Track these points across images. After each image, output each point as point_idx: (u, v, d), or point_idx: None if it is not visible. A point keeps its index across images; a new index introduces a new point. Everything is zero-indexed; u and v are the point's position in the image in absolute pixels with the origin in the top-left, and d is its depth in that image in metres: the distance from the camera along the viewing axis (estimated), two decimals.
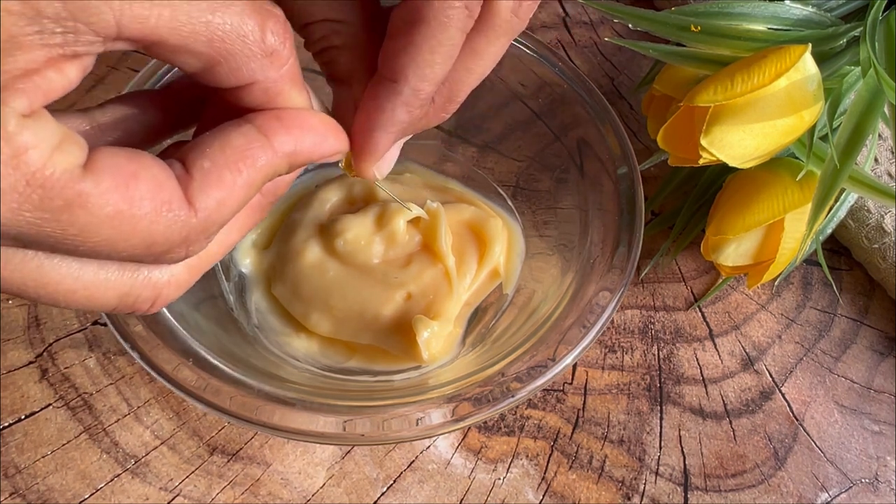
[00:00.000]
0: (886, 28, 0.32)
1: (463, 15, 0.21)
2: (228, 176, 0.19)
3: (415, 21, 0.22)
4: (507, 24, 0.23)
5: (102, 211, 0.17)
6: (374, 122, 0.24)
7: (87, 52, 0.17)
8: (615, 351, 0.38)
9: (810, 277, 0.41)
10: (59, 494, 0.32)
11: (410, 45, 0.22)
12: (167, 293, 0.21)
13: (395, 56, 0.22)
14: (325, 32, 0.24)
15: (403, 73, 0.22)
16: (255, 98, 0.20)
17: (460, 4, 0.21)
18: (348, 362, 0.34)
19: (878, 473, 0.36)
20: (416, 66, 0.22)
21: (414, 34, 0.22)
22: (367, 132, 0.24)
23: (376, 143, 0.25)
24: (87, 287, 0.19)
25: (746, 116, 0.31)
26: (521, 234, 0.38)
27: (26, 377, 0.35)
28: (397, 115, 0.24)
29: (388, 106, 0.23)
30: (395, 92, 0.23)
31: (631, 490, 0.35)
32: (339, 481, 0.34)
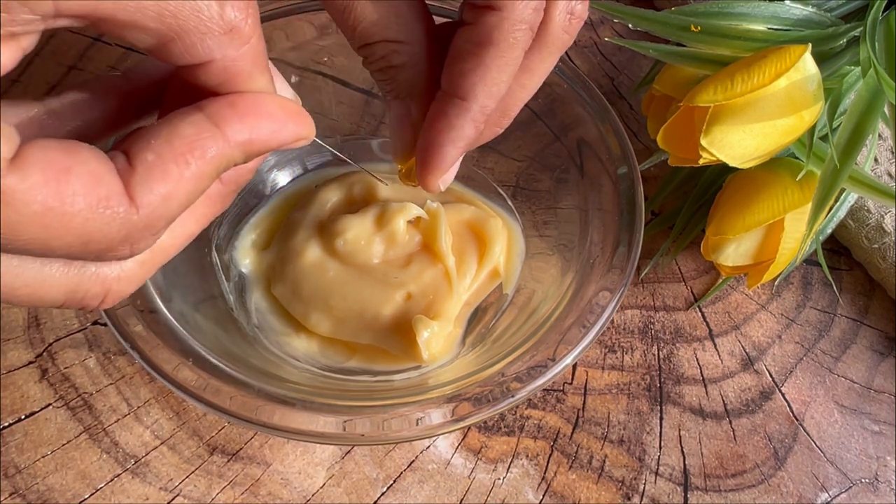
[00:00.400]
0: (886, 28, 0.32)
1: (528, 35, 0.23)
2: (175, 169, 0.18)
3: (484, 43, 0.23)
4: (560, 41, 0.24)
5: (29, 208, 0.16)
6: (444, 138, 0.25)
7: (24, 31, 0.16)
8: (615, 351, 0.38)
9: (810, 277, 0.41)
10: (59, 494, 0.32)
11: (480, 65, 0.23)
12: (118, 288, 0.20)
13: (464, 76, 0.24)
14: (386, 52, 0.24)
15: (473, 91, 0.24)
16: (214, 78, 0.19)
17: (526, 27, 0.23)
18: (348, 362, 0.34)
19: (878, 473, 0.36)
20: (484, 84, 0.24)
21: (483, 55, 0.23)
22: (437, 147, 0.25)
23: (445, 158, 0.26)
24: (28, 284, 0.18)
25: (746, 116, 0.31)
26: (521, 234, 0.38)
27: (26, 377, 0.35)
28: (465, 131, 0.25)
29: (458, 123, 0.25)
30: (465, 109, 0.24)
31: (631, 490, 0.35)
32: (339, 481, 0.34)
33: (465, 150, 0.26)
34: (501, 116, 0.27)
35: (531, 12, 0.22)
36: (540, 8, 0.23)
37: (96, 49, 0.44)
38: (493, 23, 0.22)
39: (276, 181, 0.39)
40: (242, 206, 0.38)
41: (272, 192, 0.39)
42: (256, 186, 0.39)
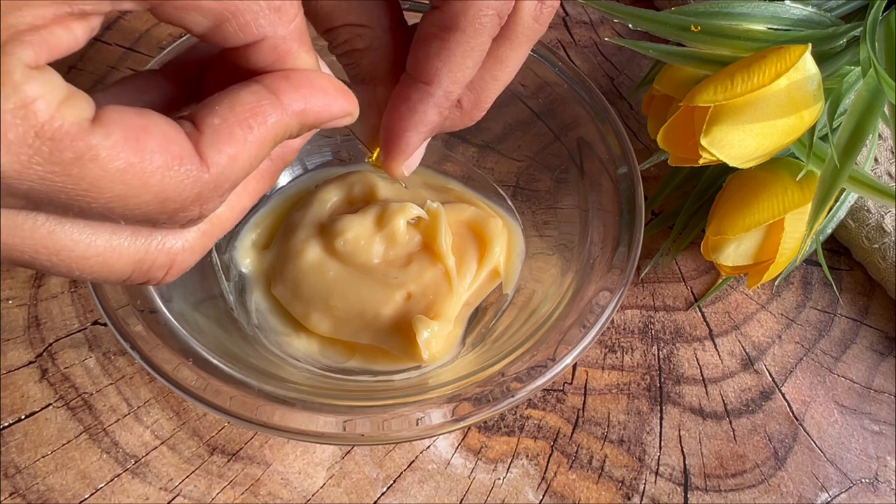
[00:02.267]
0: (886, 28, 0.32)
1: (495, 22, 0.23)
2: (239, 132, 0.19)
3: (450, 27, 0.23)
4: (530, 30, 0.24)
5: (113, 164, 0.17)
6: (406, 123, 0.25)
7: (94, 10, 0.17)
8: (615, 351, 0.38)
9: (810, 277, 0.41)
10: (59, 494, 0.32)
11: (444, 49, 0.23)
12: (182, 259, 0.21)
13: (428, 60, 0.23)
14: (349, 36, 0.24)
15: (437, 76, 0.24)
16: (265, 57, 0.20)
17: (493, 13, 0.22)
18: (348, 362, 0.34)
19: (878, 473, 0.36)
20: (448, 69, 0.23)
21: (449, 39, 0.23)
22: (400, 132, 0.25)
23: (407, 142, 0.26)
24: (100, 253, 0.19)
25: (746, 116, 0.31)
26: (521, 234, 0.38)
27: (26, 377, 0.35)
28: (429, 116, 0.25)
29: (421, 107, 0.24)
30: (428, 94, 0.24)
31: (631, 490, 0.35)
32: (339, 481, 0.34)
33: (429, 136, 0.26)
34: (474, 108, 0.26)
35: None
36: None
37: (96, 49, 0.44)
38: (459, 7, 0.22)
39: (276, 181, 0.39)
40: None
41: (272, 192, 0.39)
42: None
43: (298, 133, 0.21)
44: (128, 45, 0.45)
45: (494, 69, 0.25)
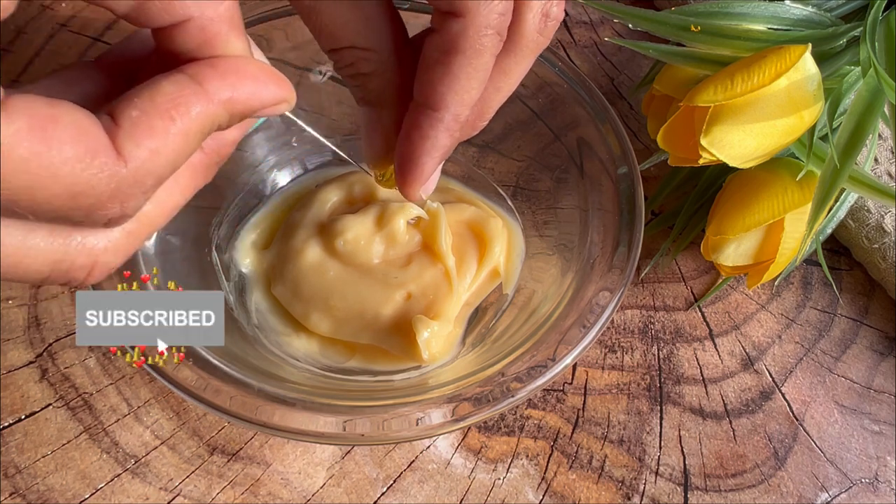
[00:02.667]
0: (886, 28, 0.32)
1: (496, 41, 0.22)
2: (160, 124, 0.18)
3: (451, 51, 0.22)
4: (534, 43, 0.24)
5: (15, 152, 0.16)
6: (420, 150, 0.25)
7: None
8: (615, 351, 0.38)
9: (810, 277, 0.41)
10: (59, 494, 0.32)
11: (448, 74, 0.23)
12: (105, 260, 0.20)
13: (434, 85, 0.23)
14: (353, 60, 0.24)
15: (444, 101, 0.23)
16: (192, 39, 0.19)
17: (493, 32, 0.22)
18: (348, 362, 0.34)
19: (878, 473, 0.36)
20: (454, 93, 0.23)
21: (451, 64, 0.22)
22: (415, 159, 0.25)
23: (423, 169, 0.26)
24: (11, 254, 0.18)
25: (746, 116, 0.31)
26: (521, 234, 0.38)
27: (26, 377, 0.35)
28: (441, 141, 0.25)
29: (432, 133, 0.24)
30: (438, 119, 0.24)
31: (631, 490, 0.35)
32: (339, 481, 0.34)
33: (443, 159, 0.26)
34: (477, 119, 0.26)
35: (497, 17, 0.22)
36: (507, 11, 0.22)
37: (96, 49, 0.44)
38: (458, 30, 0.22)
39: (276, 181, 0.39)
40: (242, 206, 0.38)
41: (272, 192, 0.39)
42: (256, 186, 0.39)
43: (229, 124, 0.19)
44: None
45: (498, 81, 0.25)
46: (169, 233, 0.33)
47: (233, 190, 0.38)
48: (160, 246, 0.32)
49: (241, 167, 0.38)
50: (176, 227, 0.34)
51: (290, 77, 0.38)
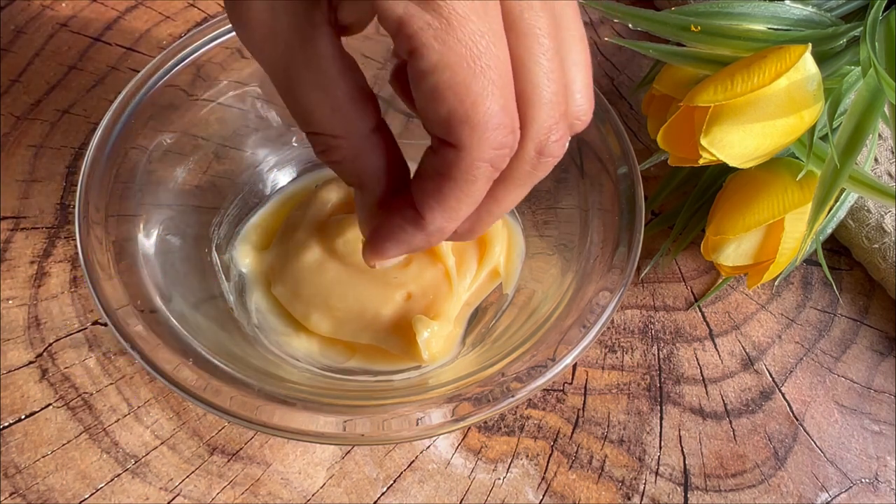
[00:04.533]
0: (886, 28, 0.32)
1: (489, 172, 0.22)
2: None
3: (444, 175, 0.22)
4: (526, 176, 0.24)
5: None
6: (392, 235, 0.25)
7: None
8: (615, 351, 0.38)
9: (810, 277, 0.41)
10: (59, 494, 0.32)
11: (438, 192, 0.23)
12: None
13: (424, 196, 0.23)
14: (324, 147, 0.24)
15: (431, 213, 0.23)
16: None
17: (486, 164, 0.22)
18: (348, 362, 0.34)
19: (878, 473, 0.36)
20: (442, 210, 0.23)
21: (443, 185, 0.22)
22: (382, 240, 0.26)
23: (386, 252, 0.26)
24: None
25: (746, 116, 0.31)
26: (521, 234, 0.38)
27: (26, 377, 0.35)
28: (415, 241, 0.25)
29: (411, 230, 0.24)
30: (420, 225, 0.24)
31: (631, 490, 0.35)
32: (339, 481, 0.34)
33: (409, 252, 0.26)
34: (467, 233, 0.26)
35: (492, 152, 0.21)
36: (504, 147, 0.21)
37: (96, 49, 0.44)
38: (452, 159, 0.21)
39: (276, 181, 0.39)
40: (242, 206, 0.38)
41: (272, 192, 0.39)
42: (256, 186, 0.39)
43: None
44: (128, 45, 0.45)
45: (490, 205, 0.25)
46: (169, 233, 0.34)
47: (233, 190, 0.38)
48: (160, 246, 0.32)
49: (241, 167, 0.38)
50: (176, 227, 0.34)
51: None
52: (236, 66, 0.36)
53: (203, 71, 0.35)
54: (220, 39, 0.35)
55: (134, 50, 0.44)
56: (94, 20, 0.45)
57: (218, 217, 0.37)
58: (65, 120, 0.42)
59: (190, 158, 0.36)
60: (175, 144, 0.35)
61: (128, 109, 0.33)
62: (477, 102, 0.20)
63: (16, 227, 0.38)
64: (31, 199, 0.39)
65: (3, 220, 0.39)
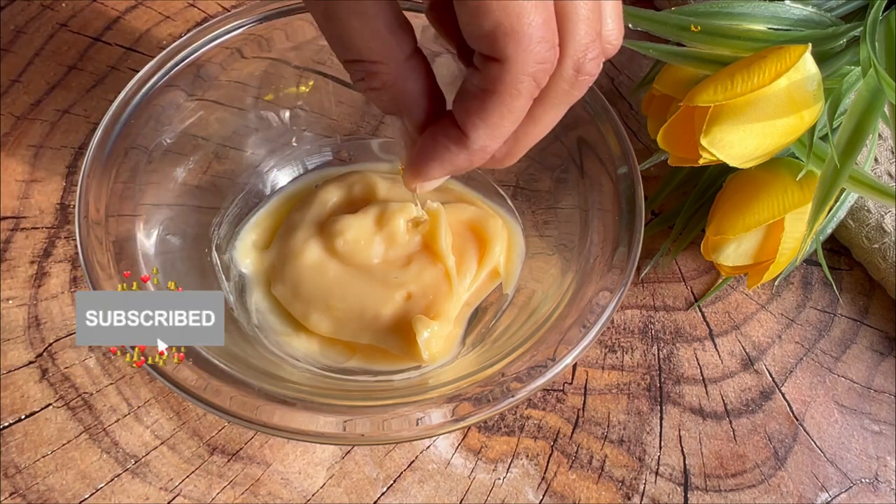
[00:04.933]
0: (886, 28, 0.32)
1: (532, 87, 0.23)
2: None
3: (488, 91, 0.23)
4: (564, 94, 0.24)
5: None
6: (435, 155, 0.25)
7: None
8: (615, 351, 0.38)
9: (810, 277, 0.41)
10: (59, 494, 0.32)
11: (483, 109, 0.23)
12: None
13: (468, 115, 0.24)
14: (363, 74, 0.24)
15: (476, 131, 0.24)
16: None
17: (530, 79, 0.22)
18: (348, 362, 0.34)
19: (878, 473, 0.36)
20: (486, 126, 0.24)
21: (487, 101, 0.23)
22: (427, 160, 0.26)
23: (430, 172, 0.26)
24: None
25: (746, 116, 0.31)
26: (521, 234, 0.38)
27: (26, 377, 0.35)
28: (458, 160, 0.25)
29: (454, 149, 0.25)
30: (464, 144, 0.24)
31: (631, 490, 0.35)
32: (339, 481, 0.34)
33: (453, 174, 0.26)
34: (505, 157, 0.27)
35: (535, 66, 0.22)
36: (547, 61, 0.22)
37: (96, 49, 0.44)
38: (496, 73, 0.22)
39: (276, 181, 0.39)
40: (242, 206, 0.38)
41: (272, 192, 0.39)
42: (256, 186, 0.39)
43: None
44: (128, 45, 0.45)
45: (528, 126, 0.25)
46: (169, 233, 0.34)
47: (233, 190, 0.38)
48: (160, 246, 0.32)
49: (241, 167, 0.38)
50: (176, 227, 0.34)
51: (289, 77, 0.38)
52: (236, 66, 0.36)
53: (203, 71, 0.35)
54: (220, 39, 0.35)
55: (134, 50, 0.44)
56: (94, 20, 0.45)
57: (218, 217, 0.37)
58: (65, 120, 0.42)
59: (190, 158, 0.36)
60: (175, 144, 0.35)
61: (128, 109, 0.33)
62: (521, 15, 0.21)
63: (16, 227, 0.38)
64: (31, 199, 0.39)
65: (3, 220, 0.39)
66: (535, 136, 0.26)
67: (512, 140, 0.26)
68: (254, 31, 0.35)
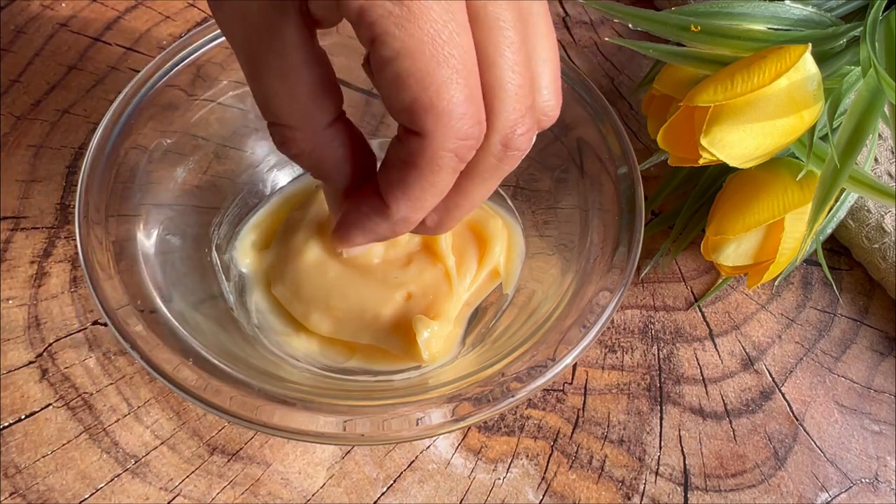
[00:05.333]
0: (886, 28, 0.32)
1: (454, 162, 0.22)
2: None
3: (409, 163, 0.22)
4: (492, 169, 0.24)
5: None
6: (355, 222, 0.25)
7: None
8: (615, 351, 0.38)
9: (810, 277, 0.41)
10: (59, 494, 0.32)
11: (404, 182, 0.23)
12: None
13: (390, 186, 0.23)
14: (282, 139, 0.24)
15: (397, 203, 0.23)
16: None
17: (451, 154, 0.21)
18: (348, 362, 0.34)
19: (878, 473, 0.36)
20: (407, 199, 0.23)
21: (408, 174, 0.22)
22: (348, 227, 0.26)
23: (352, 239, 0.26)
24: None
25: (746, 116, 0.31)
26: (521, 234, 0.38)
27: (26, 377, 0.35)
28: (380, 229, 0.25)
29: (376, 219, 0.25)
30: (386, 214, 0.24)
31: (631, 490, 0.35)
32: (339, 481, 0.34)
33: (375, 241, 0.26)
34: (437, 227, 0.26)
35: (456, 142, 0.21)
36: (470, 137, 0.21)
37: (96, 49, 0.44)
38: (416, 147, 0.21)
39: (276, 181, 0.39)
40: (242, 206, 0.38)
41: (272, 192, 0.39)
42: (256, 186, 0.39)
43: None
44: (128, 45, 0.45)
45: (457, 198, 0.25)
46: (169, 233, 0.34)
47: (233, 190, 0.38)
48: (160, 246, 0.32)
49: (241, 167, 0.38)
50: (176, 227, 0.34)
51: None
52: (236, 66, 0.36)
53: (203, 71, 0.35)
54: (220, 39, 0.35)
55: (134, 50, 0.44)
56: (94, 20, 0.45)
57: (218, 217, 0.37)
58: (65, 120, 0.42)
59: (190, 158, 0.36)
60: (175, 144, 0.35)
61: (128, 109, 0.33)
62: (441, 90, 0.20)
63: (16, 227, 0.38)
64: (31, 199, 0.39)
65: (3, 220, 0.39)
66: (466, 209, 0.25)
67: (442, 210, 0.25)
68: None
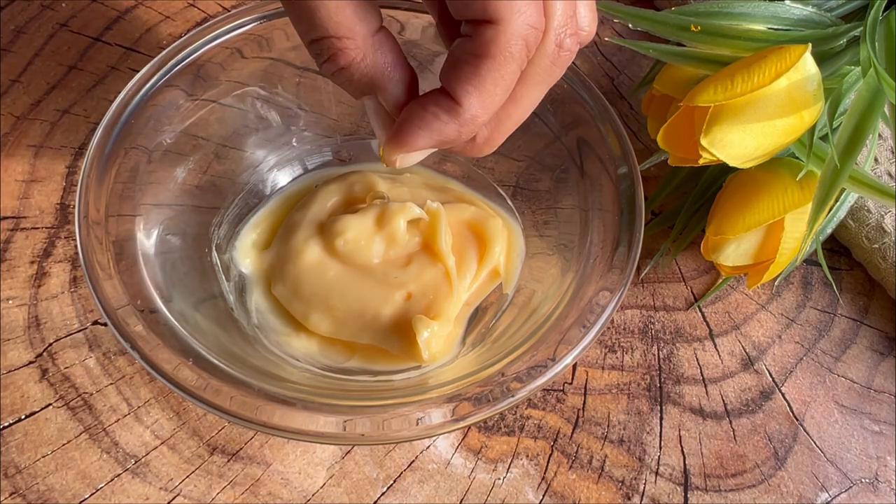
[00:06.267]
0: (886, 28, 0.32)
1: (524, 52, 0.23)
2: None
3: (481, 55, 0.23)
4: (546, 72, 0.25)
5: None
6: (423, 124, 0.25)
7: None
8: (615, 351, 0.38)
9: (810, 277, 0.41)
10: (59, 494, 0.32)
11: (476, 76, 0.23)
12: None
13: (460, 82, 0.24)
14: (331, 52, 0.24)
15: (468, 98, 0.24)
16: None
17: (522, 42, 0.23)
18: (348, 362, 0.34)
19: (878, 473, 0.36)
20: (479, 94, 0.24)
21: (480, 66, 0.23)
22: (412, 129, 0.25)
23: (415, 141, 0.25)
24: None
25: (746, 116, 0.31)
26: (521, 234, 0.38)
27: (26, 377, 0.35)
28: (447, 129, 0.25)
29: (444, 118, 0.25)
30: (456, 112, 0.24)
31: (631, 490, 0.35)
32: (339, 481, 0.34)
33: (436, 145, 0.26)
34: (486, 143, 0.27)
35: (528, 28, 0.23)
36: (539, 25, 0.23)
37: (96, 49, 0.44)
38: (490, 36, 0.23)
39: (276, 181, 0.39)
40: (242, 206, 0.38)
41: (272, 192, 0.39)
42: (256, 186, 0.39)
43: None
44: (128, 45, 0.45)
45: (509, 107, 0.25)
46: (169, 233, 0.34)
47: (233, 190, 0.38)
48: (160, 246, 0.32)
49: (241, 167, 0.38)
50: (176, 227, 0.34)
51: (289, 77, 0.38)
52: (236, 66, 0.36)
53: (203, 71, 0.35)
54: (220, 39, 0.35)
55: (134, 50, 0.44)
56: (94, 20, 0.45)
57: (218, 217, 0.37)
58: (65, 120, 0.42)
59: (190, 158, 0.36)
60: (175, 144, 0.35)
61: (128, 109, 0.33)
62: None
63: (16, 227, 0.38)
64: (31, 199, 0.39)
65: (3, 220, 0.39)
66: (516, 119, 0.26)
67: (494, 122, 0.26)
68: (254, 31, 0.35)
